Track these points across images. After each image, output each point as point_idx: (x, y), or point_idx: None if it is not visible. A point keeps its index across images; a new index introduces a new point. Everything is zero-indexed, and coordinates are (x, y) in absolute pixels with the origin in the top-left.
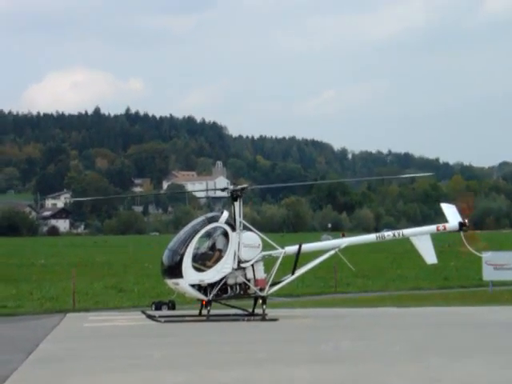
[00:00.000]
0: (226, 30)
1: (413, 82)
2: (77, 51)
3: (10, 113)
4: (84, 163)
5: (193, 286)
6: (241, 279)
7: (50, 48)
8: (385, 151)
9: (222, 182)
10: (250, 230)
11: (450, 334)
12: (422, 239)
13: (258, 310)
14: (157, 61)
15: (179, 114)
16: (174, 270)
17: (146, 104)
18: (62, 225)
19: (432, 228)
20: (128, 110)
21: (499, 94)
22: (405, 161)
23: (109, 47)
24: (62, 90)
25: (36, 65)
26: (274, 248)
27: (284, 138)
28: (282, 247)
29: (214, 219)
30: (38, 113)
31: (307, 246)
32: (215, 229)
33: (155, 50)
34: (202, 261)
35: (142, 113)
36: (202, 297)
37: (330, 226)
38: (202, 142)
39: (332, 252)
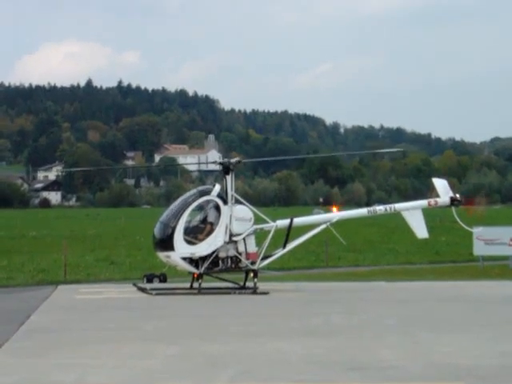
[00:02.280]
0: (220, 2)
1: (406, 57)
2: (71, 22)
3: (2, 84)
4: (76, 135)
5: (184, 258)
6: (232, 252)
7: (45, 19)
8: (377, 126)
9: (213, 155)
10: (242, 203)
11: (441, 308)
12: (413, 214)
13: (250, 284)
14: (150, 34)
15: (171, 87)
16: (166, 243)
17: (139, 77)
18: (54, 197)
19: (423, 203)
20: (120, 82)
21: (491, 69)
22: (397, 136)
23: (103, 19)
24: (55, 62)
25: (30, 36)
26: (266, 222)
27: (276, 112)
28: (274, 221)
29: (206, 192)
30: (30, 84)
31: (299, 220)
32: (207, 202)
33: (149, 22)
34: (194, 234)
35: (134, 85)
36: (193, 270)
37: (321, 200)
38: (194, 115)
39: (323, 226)
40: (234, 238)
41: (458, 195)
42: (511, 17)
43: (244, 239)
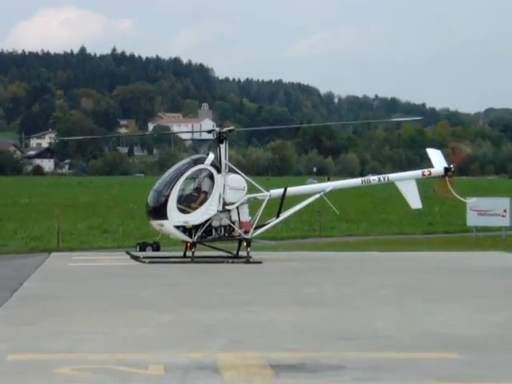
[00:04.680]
0: None
1: (401, 26)
2: None
3: None
4: (69, 103)
5: (177, 227)
6: (226, 221)
7: None
8: (371, 96)
9: (207, 124)
10: (236, 172)
11: (433, 278)
12: (407, 184)
13: (243, 253)
14: (145, 1)
15: (166, 55)
16: (159, 212)
17: (133, 44)
18: (47, 164)
19: (417, 173)
20: (114, 50)
21: (486, 39)
22: (391, 106)
23: None
24: (49, 29)
25: (25, 2)
26: (260, 191)
27: (271, 81)
28: (268, 190)
29: (200, 161)
30: (24, 51)
31: (292, 190)
32: (201, 171)
33: None
34: (187, 202)
35: (128, 53)
36: (186, 238)
37: (315, 169)
38: (188, 83)
39: (317, 196)
40: (228, 207)
41: (452, 165)
42: None
43: (237, 208)
